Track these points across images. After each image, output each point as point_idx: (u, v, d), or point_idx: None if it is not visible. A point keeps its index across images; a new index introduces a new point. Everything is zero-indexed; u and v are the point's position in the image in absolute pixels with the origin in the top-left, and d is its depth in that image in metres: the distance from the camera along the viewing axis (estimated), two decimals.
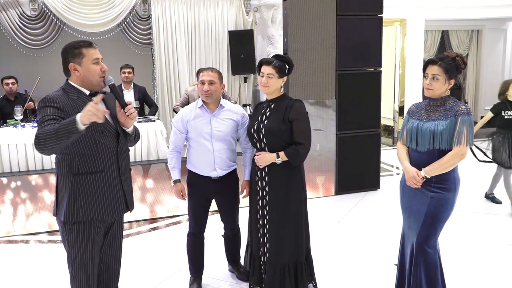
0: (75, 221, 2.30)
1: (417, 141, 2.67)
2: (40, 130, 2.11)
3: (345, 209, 5.07)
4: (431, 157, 2.62)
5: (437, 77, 2.60)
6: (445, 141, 2.57)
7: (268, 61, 2.92)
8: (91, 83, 2.33)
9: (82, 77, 2.31)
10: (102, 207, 2.36)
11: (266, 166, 2.93)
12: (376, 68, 5.56)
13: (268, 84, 2.90)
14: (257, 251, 3.06)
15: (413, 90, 9.16)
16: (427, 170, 2.62)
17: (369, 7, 5.41)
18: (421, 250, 2.68)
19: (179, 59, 7.83)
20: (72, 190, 2.29)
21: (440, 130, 2.58)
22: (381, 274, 3.53)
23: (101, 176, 2.34)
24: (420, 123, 2.68)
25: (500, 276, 3.49)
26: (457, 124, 2.55)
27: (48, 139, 2.06)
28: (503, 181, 4.97)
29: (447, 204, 2.64)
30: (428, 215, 2.64)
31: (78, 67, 2.30)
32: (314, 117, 5.28)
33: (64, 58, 2.32)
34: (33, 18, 7.18)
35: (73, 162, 2.29)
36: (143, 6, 7.60)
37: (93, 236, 2.36)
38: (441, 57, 2.65)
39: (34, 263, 3.90)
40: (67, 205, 2.28)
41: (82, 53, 2.29)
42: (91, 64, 2.31)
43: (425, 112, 2.71)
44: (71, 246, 2.34)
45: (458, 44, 10.52)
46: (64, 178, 2.30)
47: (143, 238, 4.41)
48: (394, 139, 9.16)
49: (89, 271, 2.37)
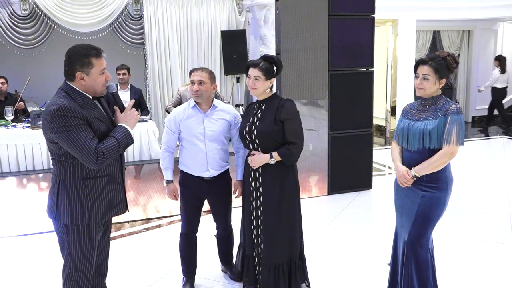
0: (81, 224, 2.29)
1: (408, 140, 2.70)
2: (102, 147, 2.21)
3: (338, 208, 5.09)
4: (422, 157, 2.63)
5: (427, 77, 2.61)
6: (434, 140, 2.58)
7: (254, 63, 2.91)
8: (95, 91, 2.32)
9: (87, 85, 2.28)
10: (106, 208, 2.38)
11: (259, 166, 2.93)
12: (368, 68, 5.58)
13: (255, 86, 2.89)
14: (251, 252, 3.06)
15: (405, 90, 9.22)
16: (417, 169, 2.63)
17: (361, 8, 5.43)
18: (412, 249, 2.70)
19: (172, 59, 7.81)
20: (80, 194, 2.27)
21: (429, 129, 2.59)
22: (374, 273, 3.55)
23: (107, 179, 2.37)
24: (411, 123, 2.70)
25: (495, 275, 3.51)
26: (446, 123, 2.56)
27: (112, 154, 2.25)
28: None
29: (438, 203, 2.64)
30: (419, 214, 2.66)
31: (85, 77, 2.25)
32: (306, 117, 5.30)
33: (71, 63, 2.25)
34: (23, 18, 7.13)
35: (80, 166, 2.27)
36: (135, 6, 7.58)
37: (94, 236, 2.37)
38: (431, 57, 2.66)
39: (24, 263, 3.87)
40: (72, 208, 2.26)
41: (92, 63, 2.25)
42: (98, 75, 2.29)
43: (417, 112, 2.72)
44: (72, 248, 2.32)
45: (449, 44, 10.60)
46: (68, 181, 2.28)
47: (135, 238, 4.39)
48: (387, 139, 9.21)
49: (88, 271, 2.38)
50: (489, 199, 5.32)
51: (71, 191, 2.27)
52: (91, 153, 2.17)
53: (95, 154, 2.17)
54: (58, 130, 2.15)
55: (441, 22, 9.98)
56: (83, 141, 2.16)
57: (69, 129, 2.15)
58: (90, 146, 2.17)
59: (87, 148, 2.16)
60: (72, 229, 2.30)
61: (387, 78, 9.23)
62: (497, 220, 4.65)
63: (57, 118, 2.14)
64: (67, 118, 2.15)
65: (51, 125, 2.16)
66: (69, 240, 2.32)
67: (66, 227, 2.31)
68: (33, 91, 7.10)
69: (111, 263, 2.74)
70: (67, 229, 2.31)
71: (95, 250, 2.40)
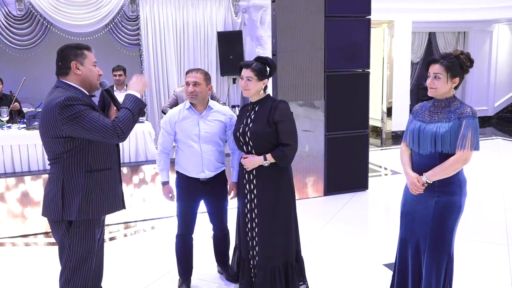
0: (84, 219, 2.31)
1: (419, 143, 2.58)
2: (118, 121, 2.23)
3: (334, 209, 5.09)
4: (433, 161, 2.53)
5: (438, 76, 2.50)
6: (447, 144, 2.47)
7: (247, 64, 2.90)
8: (90, 84, 2.38)
9: (83, 76, 2.34)
10: (108, 204, 2.41)
11: (253, 168, 2.92)
12: (364, 69, 5.59)
13: (247, 87, 2.89)
14: (246, 254, 3.05)
15: (400, 91, 9.25)
16: (429, 175, 2.52)
17: (357, 9, 5.45)
18: (431, 256, 2.57)
19: (168, 60, 7.80)
20: (86, 187, 2.30)
21: (442, 132, 2.47)
22: (370, 274, 3.55)
23: (109, 173, 2.41)
24: (422, 125, 2.58)
25: (489, 276, 3.52)
26: (461, 127, 2.45)
27: (129, 124, 2.27)
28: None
29: (453, 208, 2.54)
30: (435, 220, 2.54)
31: (81, 66, 2.33)
32: (302, 118, 5.30)
33: (65, 57, 2.32)
34: (19, 18, 7.09)
35: (85, 159, 2.30)
36: (131, 7, 7.56)
37: (96, 234, 2.39)
38: (443, 55, 2.55)
39: (19, 266, 3.85)
40: (80, 202, 2.28)
41: (84, 54, 2.34)
42: (91, 66, 2.37)
43: (429, 113, 2.61)
44: (74, 247, 2.32)
45: (445, 46, 10.64)
46: (74, 175, 2.29)
47: (131, 239, 4.38)
48: (383, 140, 9.23)
49: (88, 272, 2.37)
50: (484, 200, 5.34)
51: (76, 185, 2.29)
52: (110, 128, 2.21)
53: (113, 128, 2.22)
54: (71, 118, 2.18)
55: (436, 24, 10.02)
56: (97, 121, 2.21)
57: (80, 114, 2.19)
58: (106, 123, 2.22)
59: (104, 125, 2.21)
60: (75, 229, 2.30)
61: (383, 79, 9.26)
62: (492, 221, 4.66)
63: (66, 108, 2.18)
64: (76, 106, 2.20)
65: (62, 116, 2.18)
66: (71, 241, 2.31)
67: (69, 227, 2.30)
68: (29, 92, 7.06)
69: (107, 264, 2.73)
70: (69, 229, 2.30)
71: (95, 250, 2.40)
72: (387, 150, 8.40)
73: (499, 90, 11.14)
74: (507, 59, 11.07)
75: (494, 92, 11.07)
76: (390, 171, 6.85)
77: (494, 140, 9.00)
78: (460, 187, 2.57)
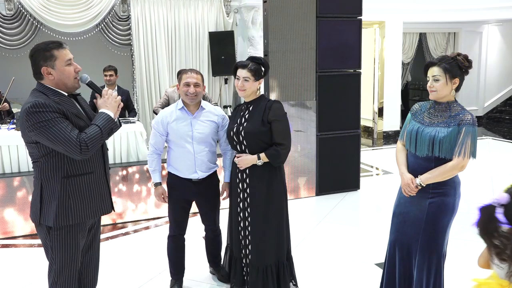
0: (64, 225, 2.24)
1: (416, 145, 2.57)
2: (84, 136, 2.15)
3: (326, 209, 5.11)
4: (428, 163, 2.53)
5: (437, 78, 2.50)
6: (444, 150, 2.47)
7: (243, 64, 2.90)
8: (66, 85, 2.27)
9: (56, 80, 2.24)
10: (91, 208, 2.33)
11: (246, 168, 2.93)
12: (355, 69, 5.62)
13: (244, 87, 2.89)
14: (238, 253, 3.06)
15: (391, 92, 9.30)
16: (423, 178, 2.52)
17: (349, 9, 5.47)
18: (423, 257, 2.57)
19: (159, 60, 7.77)
20: (62, 193, 2.23)
21: (441, 137, 2.47)
22: (361, 273, 3.57)
23: (90, 177, 2.32)
24: (421, 127, 2.57)
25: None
26: (460, 134, 2.45)
27: (96, 142, 2.19)
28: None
29: (447, 209, 2.54)
30: (428, 221, 2.55)
31: (52, 71, 2.21)
32: (294, 118, 5.31)
33: (35, 62, 2.21)
34: (8, 18, 7.03)
35: (61, 165, 2.22)
36: (122, 7, 7.52)
37: (78, 240, 2.32)
38: (440, 58, 2.56)
39: (11, 267, 3.82)
40: (57, 209, 2.21)
41: (54, 55, 2.21)
42: (64, 66, 2.24)
43: (428, 115, 2.60)
44: (55, 252, 2.28)
45: (435, 46, 10.72)
46: (50, 181, 2.23)
47: (123, 240, 4.36)
48: (374, 140, 9.28)
49: (71, 277, 2.33)
50: (474, 200, 5.38)
51: (53, 191, 2.23)
52: (74, 143, 2.12)
53: (77, 143, 2.12)
54: (36, 126, 2.10)
55: (427, 24, 10.10)
56: (63, 133, 2.11)
57: (46, 123, 2.11)
58: (71, 136, 2.12)
59: (69, 138, 2.11)
60: (55, 233, 2.25)
61: (374, 79, 9.31)
62: None
63: (32, 114, 2.10)
64: (43, 114, 2.11)
65: (28, 123, 2.12)
66: (52, 245, 2.27)
67: (50, 232, 2.25)
68: (18, 92, 6.99)
69: None
70: (50, 234, 2.26)
71: (78, 255, 2.34)
72: (378, 150, 8.45)
73: (489, 91, 11.25)
74: (497, 59, 11.19)
75: (484, 92, 11.18)
76: (381, 171, 6.88)
77: (484, 140, 9.08)
78: (454, 189, 2.57)
